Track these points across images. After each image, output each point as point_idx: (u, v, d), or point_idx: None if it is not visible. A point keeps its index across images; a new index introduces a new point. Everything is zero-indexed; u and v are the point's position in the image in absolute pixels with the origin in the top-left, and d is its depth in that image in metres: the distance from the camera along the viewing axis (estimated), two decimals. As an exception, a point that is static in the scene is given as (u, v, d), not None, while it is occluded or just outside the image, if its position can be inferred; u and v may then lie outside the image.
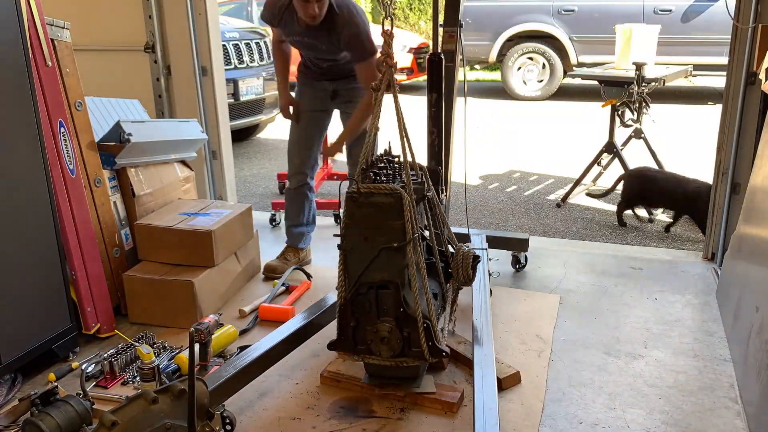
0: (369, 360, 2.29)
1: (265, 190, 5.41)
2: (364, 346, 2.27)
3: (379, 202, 2.16)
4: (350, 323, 2.26)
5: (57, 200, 2.56)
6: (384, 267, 2.19)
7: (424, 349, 2.20)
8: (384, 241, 2.16)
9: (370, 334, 2.23)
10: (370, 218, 2.18)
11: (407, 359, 2.24)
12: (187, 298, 2.82)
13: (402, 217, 2.15)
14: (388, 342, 2.22)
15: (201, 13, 3.84)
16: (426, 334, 2.19)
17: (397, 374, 2.32)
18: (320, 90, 3.25)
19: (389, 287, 2.20)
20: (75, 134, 2.76)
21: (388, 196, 2.15)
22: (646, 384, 2.42)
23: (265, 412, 2.29)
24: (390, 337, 2.21)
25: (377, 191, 2.16)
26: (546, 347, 2.66)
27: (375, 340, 2.23)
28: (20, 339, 2.42)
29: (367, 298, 2.22)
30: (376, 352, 2.25)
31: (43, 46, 2.57)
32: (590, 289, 3.19)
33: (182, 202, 3.28)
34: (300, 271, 3.34)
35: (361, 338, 2.26)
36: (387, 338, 2.21)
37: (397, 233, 2.15)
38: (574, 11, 8.95)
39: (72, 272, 2.66)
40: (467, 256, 2.54)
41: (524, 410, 2.27)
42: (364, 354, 2.28)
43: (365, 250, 2.19)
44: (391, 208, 2.15)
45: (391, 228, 2.16)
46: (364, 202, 2.17)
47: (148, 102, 3.85)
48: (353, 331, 2.27)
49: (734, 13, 3.15)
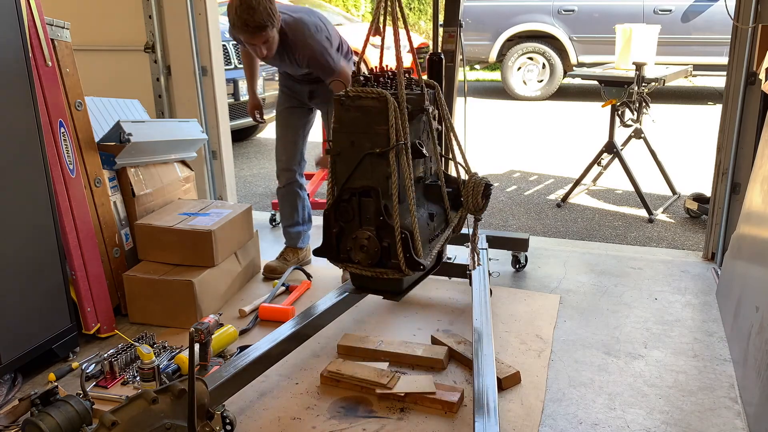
0: (351, 269, 2.26)
1: (265, 190, 5.41)
2: (345, 254, 2.24)
3: (365, 106, 2.13)
4: (333, 229, 2.23)
5: (57, 200, 2.56)
6: (367, 174, 2.16)
7: (401, 261, 2.14)
8: (369, 146, 2.14)
9: (350, 242, 2.20)
10: (357, 122, 2.16)
11: (387, 270, 2.20)
12: (187, 298, 2.82)
13: (387, 122, 2.10)
14: (367, 250, 2.18)
15: (201, 13, 3.84)
16: (403, 245, 2.14)
17: (379, 287, 2.29)
18: (298, 91, 3.32)
19: (371, 195, 2.17)
20: (75, 134, 2.76)
21: (375, 100, 2.11)
22: (646, 384, 2.42)
23: (265, 412, 2.29)
24: (368, 245, 2.18)
25: (365, 95, 2.13)
26: (546, 347, 2.66)
27: (354, 248, 2.20)
28: (20, 339, 2.42)
29: (351, 205, 2.20)
30: (354, 259, 2.21)
31: (43, 46, 2.57)
32: (590, 289, 3.19)
33: (182, 202, 3.28)
34: (300, 271, 3.34)
35: (344, 246, 2.23)
36: (365, 246, 2.18)
37: (382, 139, 2.12)
38: (574, 11, 8.95)
39: (72, 272, 2.66)
40: (479, 183, 2.43)
41: (524, 410, 2.27)
42: (346, 262, 2.25)
43: (351, 155, 2.17)
44: (377, 113, 2.11)
45: (376, 133, 2.12)
46: (351, 105, 2.15)
47: (148, 102, 3.85)
48: (337, 238, 2.24)
49: (734, 13, 3.15)
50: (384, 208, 2.16)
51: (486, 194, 2.45)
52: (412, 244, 2.17)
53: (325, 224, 2.27)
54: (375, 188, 2.16)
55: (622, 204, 4.78)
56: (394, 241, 2.15)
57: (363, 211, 2.20)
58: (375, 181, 2.16)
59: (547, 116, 8.24)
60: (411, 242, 2.16)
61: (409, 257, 2.15)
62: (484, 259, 2.98)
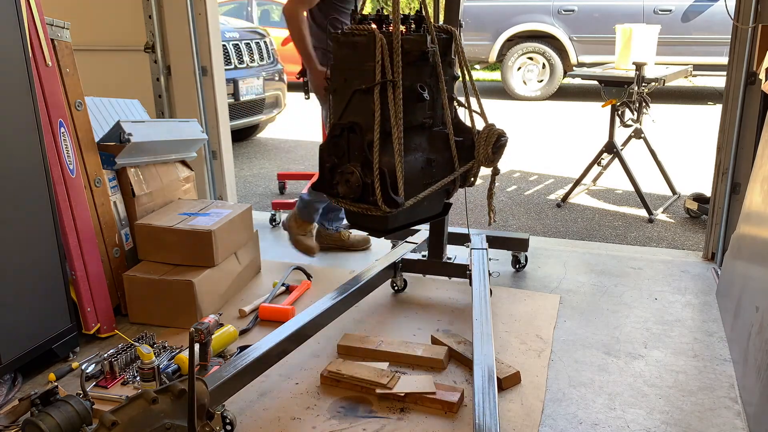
0: (341, 204, 2.34)
1: (265, 190, 5.41)
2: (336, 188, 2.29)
3: (355, 42, 2.19)
4: (327, 164, 2.30)
5: (57, 200, 2.56)
6: (355, 110, 2.21)
7: (378, 197, 2.17)
8: (358, 83, 2.19)
9: (338, 176, 2.25)
10: (348, 59, 2.22)
11: (370, 207, 2.23)
12: (187, 298, 2.82)
13: (374, 59, 2.13)
14: (350, 185, 2.22)
15: (201, 13, 3.84)
16: (381, 182, 2.16)
17: (367, 223, 2.36)
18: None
19: (356, 130, 2.21)
20: (75, 134, 2.76)
21: (364, 37, 2.17)
22: (646, 384, 2.42)
23: (265, 412, 2.29)
24: (351, 179, 2.21)
25: (357, 32, 2.19)
26: (546, 347, 2.66)
27: (341, 182, 2.24)
28: (20, 339, 2.41)
29: (342, 141, 2.24)
30: (341, 193, 2.26)
31: (43, 46, 2.57)
32: (590, 289, 3.19)
33: (182, 202, 3.28)
34: (300, 271, 3.34)
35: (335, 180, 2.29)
36: (349, 181, 2.23)
37: (368, 75, 2.15)
38: (574, 11, 8.96)
39: (72, 272, 2.66)
40: (492, 133, 2.42)
41: (524, 410, 2.27)
42: (338, 198, 2.30)
43: (344, 92, 2.23)
44: (366, 49, 2.15)
45: (364, 70, 2.16)
46: (344, 42, 2.22)
47: (148, 102, 3.85)
48: (330, 172, 2.29)
49: (734, 13, 3.15)
50: (367, 144, 2.18)
51: (497, 145, 2.43)
52: (391, 182, 2.18)
53: (321, 159, 2.34)
54: (359, 124, 2.20)
55: (622, 204, 4.78)
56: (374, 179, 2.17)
57: (351, 147, 2.24)
58: (361, 117, 2.20)
59: (547, 116, 8.24)
60: (390, 181, 2.18)
61: (387, 196, 2.17)
62: (484, 259, 2.98)
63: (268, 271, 3.43)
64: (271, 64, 6.92)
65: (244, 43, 6.56)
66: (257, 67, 6.65)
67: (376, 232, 2.38)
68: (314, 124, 8.09)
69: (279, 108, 7.06)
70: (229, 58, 6.21)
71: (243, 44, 6.53)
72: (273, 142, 7.20)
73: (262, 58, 6.76)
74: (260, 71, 6.65)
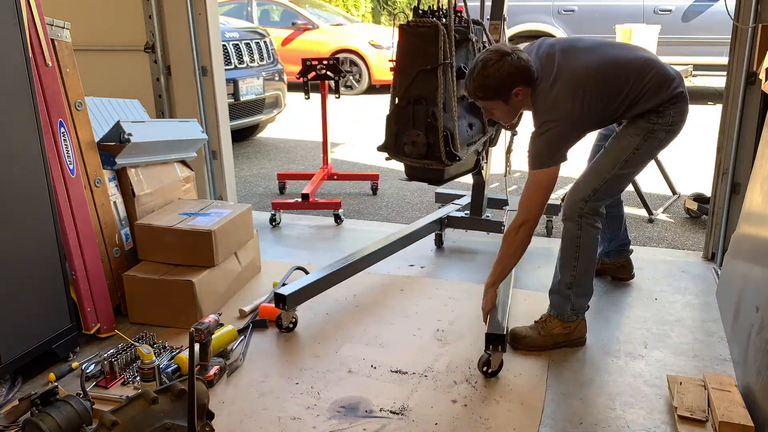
0: (404, 161, 2.91)
1: (265, 190, 5.41)
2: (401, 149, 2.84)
3: (421, 32, 2.72)
4: (393, 131, 2.86)
5: (57, 200, 2.56)
6: (419, 86, 2.75)
7: (442, 153, 2.75)
8: (422, 64, 2.71)
9: (405, 138, 2.80)
10: (414, 45, 2.76)
11: (432, 162, 2.80)
12: (187, 298, 2.82)
13: (437, 45, 2.67)
14: (416, 145, 2.78)
15: (201, 12, 3.84)
16: (444, 141, 2.74)
17: (426, 176, 2.92)
18: None
19: (422, 102, 2.75)
20: (75, 134, 2.76)
21: (429, 28, 2.70)
22: (646, 384, 2.42)
23: (265, 412, 2.29)
24: (417, 141, 2.77)
25: (421, 24, 2.72)
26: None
27: (408, 143, 2.80)
28: (20, 339, 2.41)
29: (406, 111, 2.79)
30: (407, 153, 2.82)
31: (43, 46, 2.57)
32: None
33: (182, 202, 3.28)
34: (300, 271, 3.33)
35: (399, 144, 2.84)
36: (416, 141, 2.78)
37: (432, 58, 2.69)
38: (574, 11, 8.95)
39: (72, 272, 2.66)
40: None
41: (524, 410, 2.27)
42: (401, 156, 2.87)
43: (409, 71, 2.76)
44: (429, 37, 2.69)
45: (427, 53, 2.70)
46: (411, 31, 2.76)
47: (148, 102, 3.84)
48: (395, 137, 2.85)
49: (734, 13, 3.15)
50: (432, 113, 2.73)
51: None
52: (452, 141, 2.77)
53: (387, 126, 2.88)
54: (426, 97, 2.74)
55: (622, 204, 4.77)
56: (438, 139, 2.74)
57: (415, 116, 2.78)
58: (426, 91, 2.74)
59: (547, 116, 8.22)
60: (451, 140, 2.76)
61: (449, 151, 2.77)
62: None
63: (268, 271, 3.43)
64: (271, 64, 6.92)
65: (244, 43, 6.56)
66: (257, 67, 6.65)
67: (434, 182, 2.98)
68: (314, 124, 8.10)
69: (279, 108, 7.06)
70: (229, 58, 6.21)
71: (243, 44, 6.53)
72: (273, 142, 7.20)
73: (262, 58, 6.75)
74: (260, 71, 6.64)
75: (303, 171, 5.80)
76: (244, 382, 2.47)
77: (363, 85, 10.45)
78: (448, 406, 2.30)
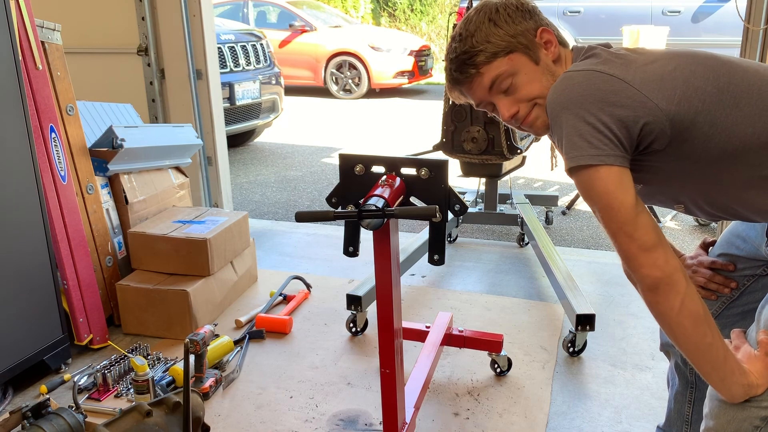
0: (462, 158, 3.02)
1: (262, 197, 5.35)
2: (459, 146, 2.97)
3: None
4: (450, 128, 2.99)
5: (48, 208, 2.51)
6: None
7: (504, 147, 2.91)
8: None
9: (464, 135, 2.93)
10: None
11: (491, 156, 2.95)
12: (181, 308, 2.76)
13: None
14: (476, 141, 2.92)
15: (196, 14, 3.78)
16: (506, 135, 2.91)
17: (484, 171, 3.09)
18: None
19: None
20: (66, 140, 2.71)
21: None
22: (653, 397, 2.36)
23: (262, 425, 2.24)
24: (478, 137, 2.92)
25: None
26: (551, 359, 2.61)
27: (467, 140, 2.94)
28: (10, 350, 2.36)
29: (464, 108, 2.93)
30: (467, 149, 2.96)
31: (34, 48, 2.52)
32: (596, 299, 3.14)
33: (177, 209, 3.22)
34: (299, 281, 3.28)
35: (457, 141, 2.98)
36: (476, 138, 2.92)
37: None
38: (580, 12, 8.91)
39: (63, 282, 2.60)
40: None
41: (528, 423, 2.22)
42: (459, 153, 2.99)
43: None
44: None
45: None
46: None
47: (141, 106, 3.80)
48: (452, 135, 2.98)
49: (745, 14, 3.11)
50: None
51: None
52: (513, 135, 2.96)
53: (444, 124, 3.00)
54: None
55: (623, 209, 4.73)
56: (499, 134, 2.93)
57: (473, 113, 2.91)
58: None
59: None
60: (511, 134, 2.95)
61: (510, 144, 2.94)
62: (531, 209, 3.69)
63: (265, 281, 3.38)
64: (268, 67, 6.87)
65: (240, 46, 6.50)
66: (253, 70, 6.59)
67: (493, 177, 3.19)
68: (312, 129, 8.06)
69: (276, 112, 7.01)
70: (224, 61, 6.16)
71: (239, 47, 6.47)
72: (270, 148, 7.14)
73: (258, 61, 6.70)
74: (257, 74, 6.59)
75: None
76: (240, 395, 2.42)
77: (362, 89, 10.38)
78: (450, 419, 2.25)
